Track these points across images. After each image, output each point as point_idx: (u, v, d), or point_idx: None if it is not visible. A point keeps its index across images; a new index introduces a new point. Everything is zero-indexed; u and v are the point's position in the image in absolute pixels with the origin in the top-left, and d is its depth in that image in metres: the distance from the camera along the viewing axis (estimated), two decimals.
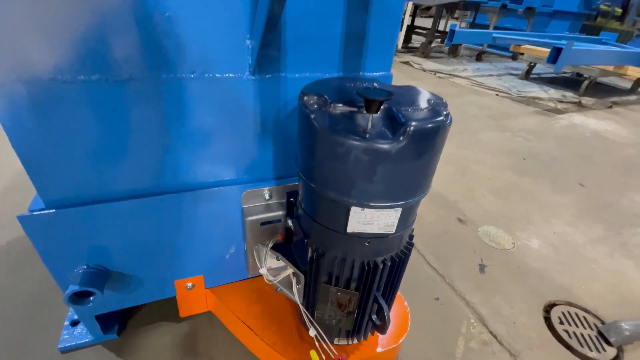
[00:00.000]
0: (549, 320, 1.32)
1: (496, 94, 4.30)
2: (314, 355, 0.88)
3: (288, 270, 0.88)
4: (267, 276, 0.90)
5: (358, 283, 0.79)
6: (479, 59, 6.39)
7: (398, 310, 1.12)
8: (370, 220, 0.68)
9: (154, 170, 0.83)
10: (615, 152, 2.93)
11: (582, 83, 4.58)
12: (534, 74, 5.50)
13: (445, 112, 0.63)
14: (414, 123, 0.57)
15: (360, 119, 0.63)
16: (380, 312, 0.81)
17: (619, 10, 7.79)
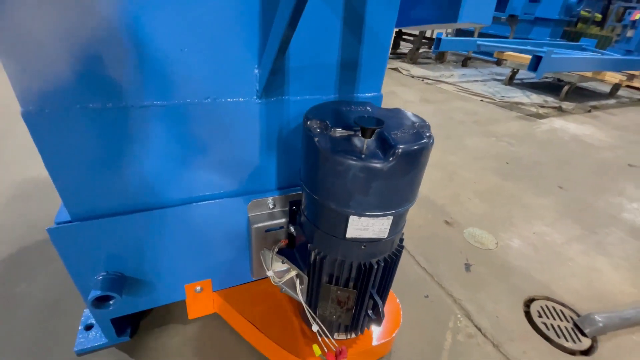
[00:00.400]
0: (528, 314, 1.42)
1: (481, 100, 4.46)
2: (316, 348, 0.97)
3: (292, 272, 0.97)
4: (274, 278, 0.99)
5: (355, 282, 0.89)
6: (464, 64, 6.59)
7: (391, 307, 1.21)
8: (366, 227, 0.78)
9: (170, 185, 0.92)
10: (592, 155, 3.08)
11: (563, 88, 4.78)
12: (517, 79, 5.68)
13: (427, 134, 0.74)
14: (401, 146, 0.67)
15: (357, 142, 0.73)
16: (376, 308, 0.91)
17: (599, 16, 8.08)
